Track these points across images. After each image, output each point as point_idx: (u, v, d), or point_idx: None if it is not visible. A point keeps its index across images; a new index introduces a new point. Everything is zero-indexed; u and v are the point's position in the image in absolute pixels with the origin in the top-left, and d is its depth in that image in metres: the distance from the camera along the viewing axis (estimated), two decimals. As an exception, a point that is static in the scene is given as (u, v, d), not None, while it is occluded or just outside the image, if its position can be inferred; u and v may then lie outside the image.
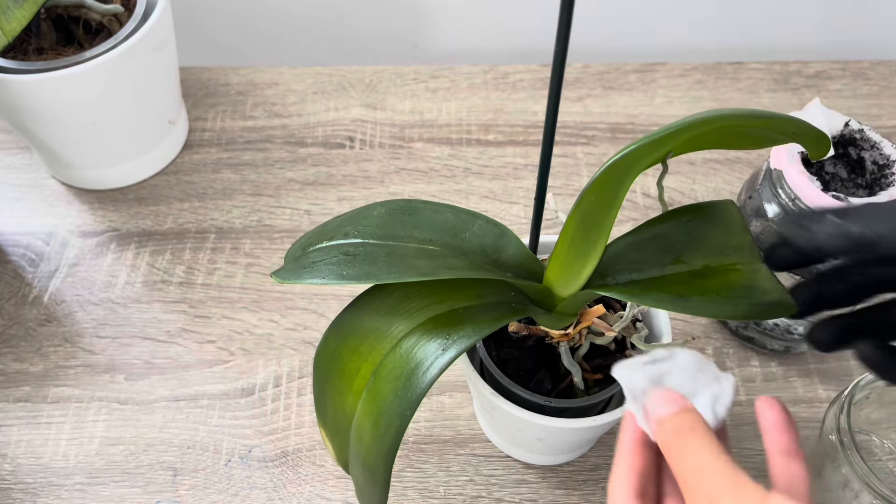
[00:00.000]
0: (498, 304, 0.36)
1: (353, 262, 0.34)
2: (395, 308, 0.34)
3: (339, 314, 0.36)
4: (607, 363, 0.44)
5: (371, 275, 0.33)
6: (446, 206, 0.39)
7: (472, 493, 0.50)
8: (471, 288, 0.35)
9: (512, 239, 0.39)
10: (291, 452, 0.51)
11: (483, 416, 0.51)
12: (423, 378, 0.31)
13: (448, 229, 0.38)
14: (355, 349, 0.34)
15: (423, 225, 0.38)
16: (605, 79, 0.75)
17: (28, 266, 0.61)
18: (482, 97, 0.74)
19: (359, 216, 0.38)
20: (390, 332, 0.33)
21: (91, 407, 0.53)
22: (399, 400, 0.32)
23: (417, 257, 0.35)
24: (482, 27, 0.82)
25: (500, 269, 0.37)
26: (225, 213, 0.65)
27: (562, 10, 0.28)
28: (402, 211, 0.38)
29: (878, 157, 0.49)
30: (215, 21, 0.82)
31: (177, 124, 0.68)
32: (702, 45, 0.84)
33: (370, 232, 0.37)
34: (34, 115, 0.58)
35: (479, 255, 0.37)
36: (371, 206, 0.39)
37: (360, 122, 0.72)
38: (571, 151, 0.69)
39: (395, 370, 0.32)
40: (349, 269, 0.34)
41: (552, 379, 0.43)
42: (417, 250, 0.36)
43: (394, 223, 0.37)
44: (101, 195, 0.66)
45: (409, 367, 0.32)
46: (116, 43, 0.57)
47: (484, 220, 0.39)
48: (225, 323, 0.58)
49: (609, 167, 0.31)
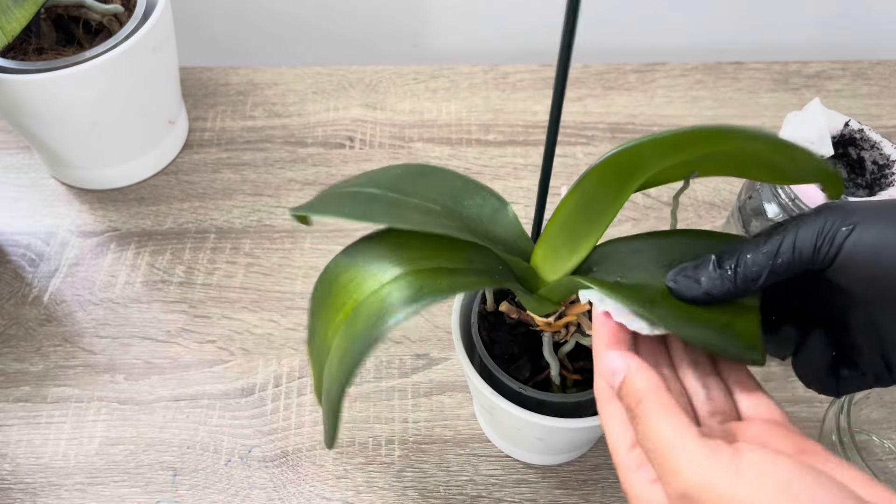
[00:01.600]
0: (482, 271, 0.36)
1: (356, 203, 0.36)
2: (389, 255, 0.36)
3: (341, 252, 0.37)
4: (590, 367, 0.44)
5: (367, 215, 0.35)
6: (459, 175, 0.40)
7: (472, 493, 0.50)
8: (462, 251, 0.36)
9: (510, 215, 0.39)
10: (291, 452, 0.51)
11: (483, 416, 0.51)
12: (386, 321, 0.33)
13: (453, 194, 0.39)
14: (345, 286, 0.35)
15: (432, 186, 0.39)
16: (605, 79, 0.75)
17: (28, 266, 0.61)
18: (482, 97, 0.74)
19: (380, 172, 0.40)
20: (377, 275, 0.35)
21: (91, 407, 0.53)
22: (363, 338, 0.33)
23: (415, 211, 0.36)
24: (482, 27, 0.82)
25: (490, 240, 0.38)
26: (225, 213, 0.65)
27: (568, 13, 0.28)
28: (417, 172, 0.40)
29: (878, 157, 0.49)
30: (215, 21, 0.82)
31: (177, 124, 0.68)
32: (702, 45, 0.84)
33: (383, 185, 0.38)
34: (34, 115, 0.58)
35: (474, 221, 0.38)
36: (393, 166, 0.41)
37: (360, 121, 0.72)
38: (571, 151, 0.69)
39: (369, 311, 0.34)
40: (349, 208, 0.35)
41: (532, 368, 0.44)
42: (418, 206, 0.37)
43: (407, 180, 0.39)
44: (101, 195, 0.66)
45: (380, 311, 0.33)
46: (116, 43, 0.57)
47: (489, 193, 0.40)
48: (225, 323, 0.58)
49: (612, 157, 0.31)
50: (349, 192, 0.38)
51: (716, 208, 0.65)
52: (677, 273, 0.34)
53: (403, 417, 0.53)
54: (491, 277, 0.36)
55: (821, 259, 0.31)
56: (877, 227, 0.30)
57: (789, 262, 0.31)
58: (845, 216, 0.30)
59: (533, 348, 0.44)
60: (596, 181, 0.33)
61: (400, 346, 0.56)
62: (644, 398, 0.29)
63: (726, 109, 0.73)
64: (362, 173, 0.41)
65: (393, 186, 0.38)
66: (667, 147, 0.31)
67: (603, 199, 0.35)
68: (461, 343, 0.44)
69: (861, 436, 0.47)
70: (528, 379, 0.43)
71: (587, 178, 0.33)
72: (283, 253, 0.62)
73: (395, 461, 0.51)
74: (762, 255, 0.32)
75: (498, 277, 0.36)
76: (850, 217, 0.30)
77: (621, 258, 0.37)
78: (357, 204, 0.36)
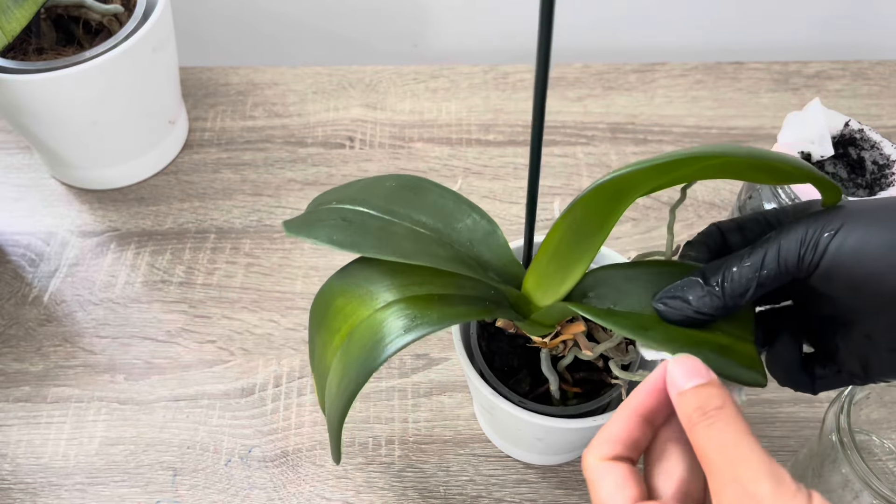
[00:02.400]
0: (474, 298, 0.36)
1: (346, 229, 0.36)
2: (381, 279, 0.36)
3: (339, 270, 0.38)
4: (591, 378, 0.44)
5: (356, 245, 0.35)
6: (452, 193, 0.41)
7: (472, 493, 0.50)
8: (454, 277, 0.36)
9: (500, 240, 0.39)
10: (291, 452, 0.51)
11: (483, 416, 0.51)
12: (382, 352, 0.33)
13: (444, 216, 0.39)
14: (341, 309, 0.36)
15: (423, 207, 0.39)
16: (605, 79, 0.75)
17: (28, 266, 0.61)
18: (482, 97, 0.74)
19: (373, 185, 0.40)
20: (371, 300, 0.35)
21: (91, 407, 0.53)
22: (360, 366, 0.33)
23: (405, 238, 0.37)
24: (482, 27, 0.82)
25: (481, 266, 0.38)
26: (225, 213, 0.65)
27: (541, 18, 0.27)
28: (411, 188, 0.40)
29: (877, 157, 0.49)
30: (215, 21, 0.82)
31: (177, 124, 0.68)
32: (702, 45, 0.84)
33: (374, 203, 0.38)
34: (34, 115, 0.58)
35: (464, 247, 0.38)
36: (387, 178, 0.41)
37: (360, 121, 0.72)
38: (571, 151, 0.69)
39: (364, 338, 0.34)
40: (340, 235, 0.36)
41: (531, 382, 0.43)
42: (408, 230, 0.37)
43: (398, 198, 0.39)
44: (101, 195, 0.66)
45: (374, 339, 0.34)
46: (116, 43, 0.57)
47: (479, 215, 0.40)
48: (225, 323, 0.58)
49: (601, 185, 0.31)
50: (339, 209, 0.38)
51: (716, 208, 0.65)
52: (664, 295, 0.33)
53: (403, 417, 0.53)
54: (482, 306, 0.36)
55: (805, 267, 0.30)
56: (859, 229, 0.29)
57: (776, 274, 0.31)
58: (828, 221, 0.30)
59: (532, 361, 0.44)
60: (585, 208, 0.33)
61: (400, 346, 0.56)
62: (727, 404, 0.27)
63: (726, 109, 0.73)
64: (357, 181, 0.41)
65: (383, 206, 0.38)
66: (656, 172, 0.30)
67: (593, 224, 0.34)
68: (461, 343, 0.44)
69: (861, 436, 0.47)
70: (528, 392, 0.43)
71: (577, 206, 0.32)
72: (283, 253, 0.62)
73: (395, 461, 0.51)
74: (747, 269, 0.31)
75: (490, 305, 0.36)
76: (832, 222, 0.30)
77: (616, 284, 0.36)
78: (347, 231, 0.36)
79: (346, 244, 0.35)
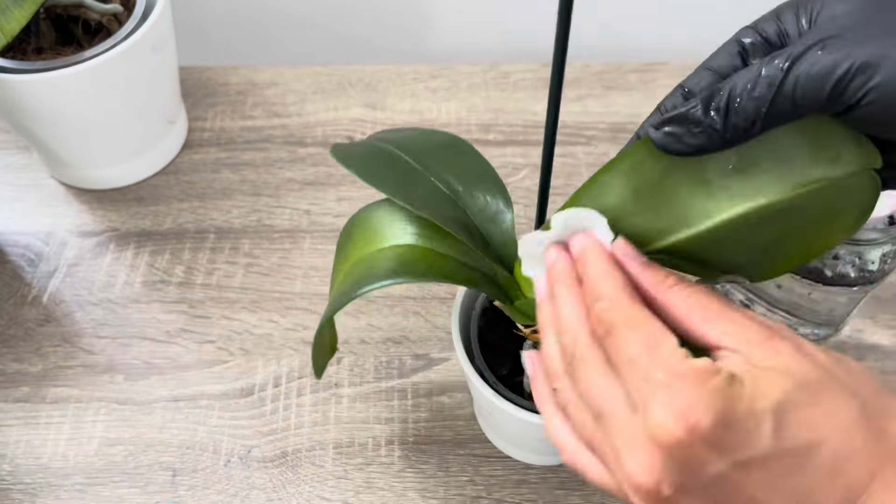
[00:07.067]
0: (467, 266, 0.38)
1: (376, 167, 0.38)
2: (398, 224, 0.39)
3: (372, 203, 0.41)
4: None
5: (377, 182, 0.37)
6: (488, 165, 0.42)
7: (472, 494, 0.50)
8: (460, 244, 0.38)
9: (507, 222, 0.40)
10: (291, 453, 0.51)
11: (483, 417, 0.51)
12: (366, 285, 0.36)
13: (470, 180, 0.40)
14: (357, 239, 0.39)
15: (454, 167, 0.41)
16: (605, 79, 0.75)
17: (27, 266, 0.61)
18: (482, 97, 0.74)
19: (421, 136, 0.42)
20: (380, 240, 0.38)
21: (90, 407, 0.53)
22: (349, 291, 0.36)
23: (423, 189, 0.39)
24: (482, 27, 0.82)
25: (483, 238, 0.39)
26: (224, 213, 0.65)
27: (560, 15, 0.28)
28: (454, 147, 0.42)
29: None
30: (215, 21, 0.82)
31: (176, 124, 0.68)
32: (701, 45, 0.84)
33: (413, 151, 0.40)
34: (33, 115, 0.58)
35: (476, 216, 0.40)
36: (438, 133, 0.43)
37: (360, 121, 0.72)
38: (571, 151, 0.69)
39: (362, 269, 0.37)
40: (367, 170, 0.38)
41: (512, 367, 0.44)
42: (430, 184, 0.39)
43: (436, 154, 0.41)
44: (100, 195, 0.66)
45: (367, 272, 0.36)
46: (116, 43, 0.57)
47: (500, 191, 0.41)
48: (224, 323, 0.58)
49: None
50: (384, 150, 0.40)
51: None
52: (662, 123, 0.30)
53: (403, 418, 0.53)
54: (470, 274, 0.38)
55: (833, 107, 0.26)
56: None
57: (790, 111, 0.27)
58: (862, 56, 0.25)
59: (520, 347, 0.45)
60: None
61: (400, 347, 0.56)
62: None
63: (726, 109, 0.73)
64: (412, 129, 0.44)
65: (421, 157, 0.40)
66: None
67: None
68: (461, 343, 0.44)
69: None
70: (506, 376, 0.44)
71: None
72: (283, 253, 0.62)
73: (394, 462, 0.51)
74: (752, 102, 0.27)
75: (478, 278, 0.38)
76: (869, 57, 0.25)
77: None
78: (377, 168, 0.38)
79: (368, 178, 0.37)
